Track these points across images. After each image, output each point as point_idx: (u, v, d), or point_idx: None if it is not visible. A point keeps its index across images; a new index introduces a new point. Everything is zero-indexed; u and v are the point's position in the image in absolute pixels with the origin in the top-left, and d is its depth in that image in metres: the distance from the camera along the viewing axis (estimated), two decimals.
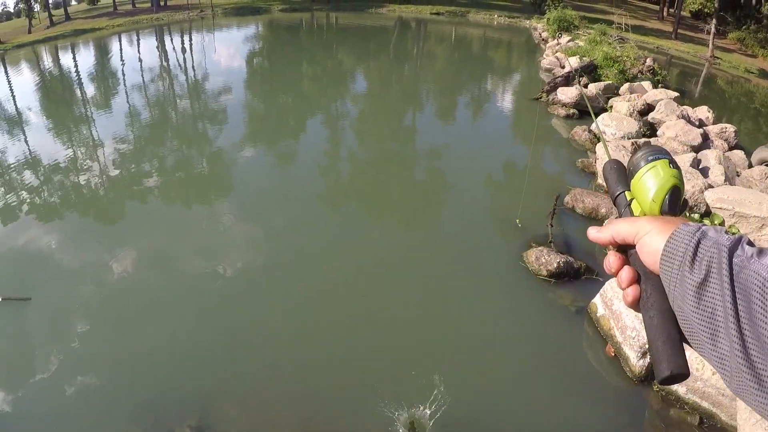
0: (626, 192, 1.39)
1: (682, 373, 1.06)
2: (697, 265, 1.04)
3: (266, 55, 31.97)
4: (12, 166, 13.56)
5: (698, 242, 1.07)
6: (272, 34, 43.05)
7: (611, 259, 1.29)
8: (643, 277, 1.20)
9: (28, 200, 11.59)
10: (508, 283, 8.84)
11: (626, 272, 1.24)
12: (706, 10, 46.11)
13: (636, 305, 1.22)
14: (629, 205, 1.37)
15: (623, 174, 1.44)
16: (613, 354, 7.42)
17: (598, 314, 7.93)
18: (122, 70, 26.26)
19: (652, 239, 1.18)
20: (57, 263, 9.24)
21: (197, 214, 11.08)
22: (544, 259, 8.91)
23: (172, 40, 38.59)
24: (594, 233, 1.35)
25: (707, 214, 10.91)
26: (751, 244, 1.03)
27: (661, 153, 1.33)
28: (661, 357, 1.07)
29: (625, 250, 1.27)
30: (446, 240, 10.23)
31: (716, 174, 12.72)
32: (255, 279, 8.77)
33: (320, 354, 7.17)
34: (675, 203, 1.27)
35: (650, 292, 1.17)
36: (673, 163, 1.31)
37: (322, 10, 56.63)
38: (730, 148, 15.76)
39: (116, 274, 8.82)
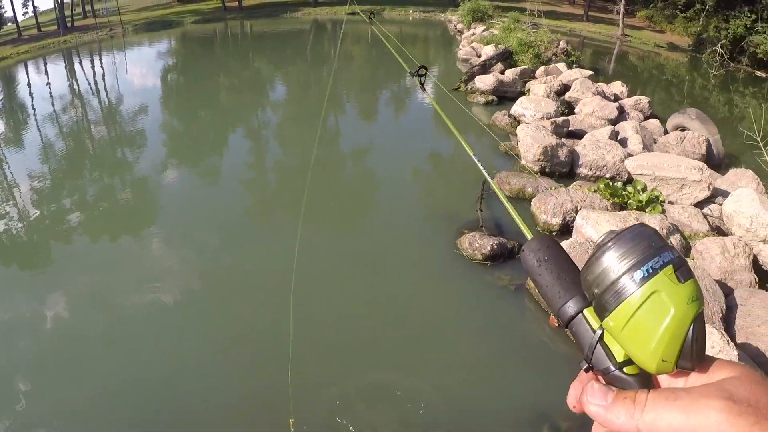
0: (585, 311, 0.94)
1: None
2: None
3: (181, 70, 31.55)
4: None
5: None
6: (186, 47, 42.50)
7: None
8: None
9: None
10: (446, 271, 9.00)
11: None
12: None
13: None
14: (600, 339, 0.92)
15: (569, 270, 1.00)
16: (556, 324, 7.66)
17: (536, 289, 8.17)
18: (31, 102, 25.51)
19: None
20: None
21: (127, 245, 10.78)
22: (478, 244, 9.13)
23: (81, 63, 37.62)
24: (596, 406, 0.87)
25: (629, 181, 11.37)
26: None
27: (656, 253, 0.83)
28: None
29: None
30: (381, 237, 10.34)
31: (634, 143, 13.29)
32: (195, 305, 8.58)
33: (270, 364, 7.17)
34: (702, 347, 0.82)
35: None
36: (680, 269, 0.83)
37: (236, 18, 56.17)
38: (646, 118, 16.46)
39: (53, 322, 8.53)
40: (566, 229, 9.77)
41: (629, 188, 10.52)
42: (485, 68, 21.76)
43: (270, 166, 15.22)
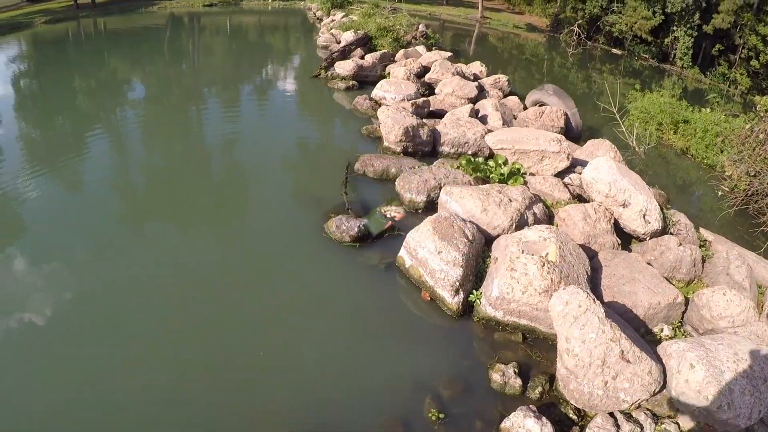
0: None
1: None
2: None
3: (33, 74, 29.67)
4: None
5: None
6: (37, 50, 39.99)
7: None
8: None
9: None
10: (315, 256, 9.02)
11: None
12: None
13: None
14: None
15: None
16: (429, 298, 7.89)
17: (406, 265, 8.36)
18: None
19: None
20: None
21: None
22: (345, 226, 9.20)
23: None
24: None
25: (491, 156, 11.77)
26: None
27: None
28: None
29: None
30: (251, 227, 10.18)
31: (494, 120, 13.77)
32: (68, 325, 8.20)
33: (158, 373, 6.95)
34: None
35: None
36: None
37: (89, 16, 53.50)
38: (505, 96, 17.12)
39: None
40: (431, 206, 10.03)
41: (491, 162, 10.91)
42: (345, 54, 21.88)
43: (136, 167, 14.62)
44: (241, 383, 6.63)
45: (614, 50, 37.22)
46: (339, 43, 26.10)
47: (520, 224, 8.72)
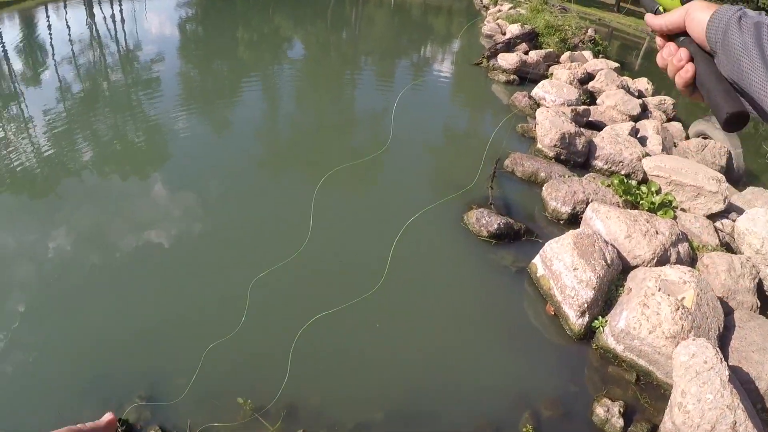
0: None
1: (740, 111, 1.30)
2: (743, 28, 1.32)
3: (200, 21, 31.03)
4: None
5: (741, 15, 1.35)
6: None
7: (669, 48, 1.57)
8: (696, 57, 1.47)
9: None
10: (449, 244, 9.04)
11: (683, 52, 1.51)
12: None
13: (690, 86, 1.51)
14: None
15: None
16: (552, 313, 7.73)
17: (538, 274, 8.22)
18: (50, 43, 25.14)
19: (700, 14, 1.45)
20: None
21: (135, 186, 10.71)
22: (485, 221, 9.15)
23: (101, 8, 37.04)
24: (650, 19, 1.62)
25: (644, 181, 11.37)
26: None
27: None
28: (721, 103, 1.33)
29: (674, 39, 1.57)
30: (389, 203, 10.31)
31: (654, 143, 13.24)
32: (195, 250, 8.63)
33: (256, 321, 7.20)
34: None
35: (703, 68, 1.43)
36: None
37: None
38: (668, 120, 16.41)
39: (54, 253, 8.48)
40: (574, 219, 9.80)
41: (643, 188, 10.51)
42: (509, 46, 21.58)
43: (281, 122, 15.11)
44: (351, 353, 6.78)
45: None
46: (504, 34, 25.78)
47: (662, 260, 8.34)
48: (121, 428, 5.67)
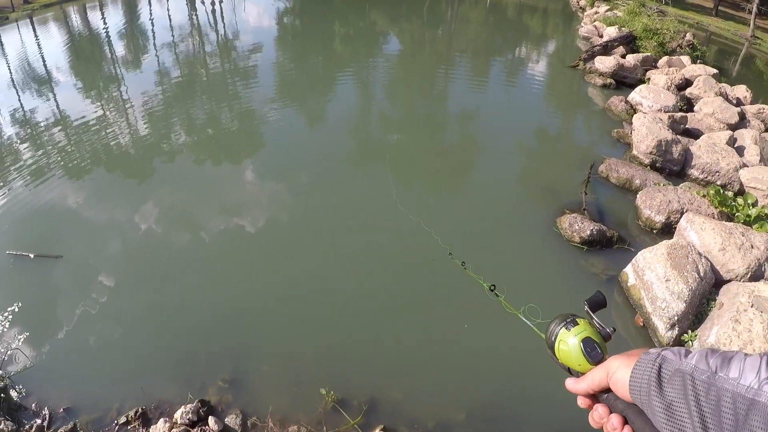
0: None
1: None
2: (664, 389, 1.21)
3: (297, 13, 31.61)
4: (42, 125, 13.53)
5: (659, 368, 1.24)
6: None
7: (598, 411, 1.45)
8: (629, 414, 1.36)
9: (59, 159, 11.59)
10: (541, 247, 8.95)
11: (615, 418, 1.39)
12: None
13: None
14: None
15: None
16: (641, 324, 7.56)
17: (629, 284, 8.05)
18: (152, 29, 25.99)
19: (621, 373, 1.35)
20: (87, 221, 9.33)
21: (226, 171, 11.10)
22: (578, 226, 9.02)
23: None
24: (571, 384, 1.55)
25: (741, 192, 10.95)
26: (714, 351, 1.22)
27: (560, 325, 1.62)
28: None
29: (601, 396, 1.48)
30: (479, 203, 10.29)
31: (752, 154, 12.70)
32: (284, 239, 8.86)
33: (347, 317, 7.32)
34: (595, 354, 1.51)
35: (639, 424, 1.32)
36: (571, 323, 1.60)
37: None
38: (767, 130, 15.69)
39: (145, 232, 8.91)
40: (668, 229, 9.52)
41: (740, 200, 10.12)
42: (606, 49, 21.06)
43: (375, 118, 15.24)
44: (435, 350, 6.82)
45: None
46: (601, 36, 25.18)
47: (756, 275, 7.97)
48: (203, 409, 5.88)
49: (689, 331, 7.25)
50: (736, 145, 13.05)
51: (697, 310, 7.53)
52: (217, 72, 18.64)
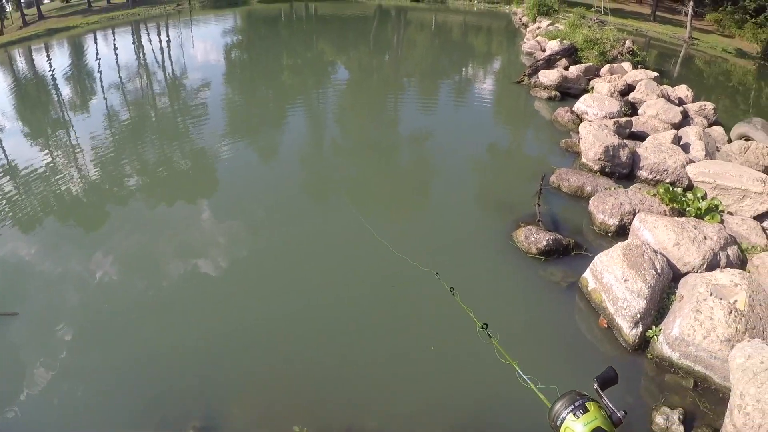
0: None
1: None
2: None
3: (245, 47, 31.84)
4: None
5: None
6: (251, 26, 42.77)
7: None
8: None
9: (8, 210, 11.29)
10: (499, 262, 9.03)
11: None
12: None
13: None
14: None
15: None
16: (606, 325, 7.67)
17: (589, 288, 8.19)
18: (99, 69, 25.85)
19: None
20: (42, 274, 9.08)
21: (183, 212, 10.97)
22: (533, 238, 9.16)
23: (149, 35, 38.09)
24: None
25: (690, 187, 11.23)
26: None
27: (568, 408, 1.61)
28: None
29: None
30: (437, 223, 10.36)
31: (697, 149, 13.07)
32: (247, 276, 8.78)
33: (318, 349, 7.30)
34: None
35: None
36: (580, 409, 1.62)
37: (301, 0, 56.33)
38: (710, 125, 16.13)
39: (104, 280, 8.72)
40: (622, 231, 9.73)
41: (689, 195, 10.40)
42: (549, 63, 21.59)
43: (327, 146, 15.32)
44: (408, 373, 6.84)
45: None
46: (544, 51, 25.79)
47: (712, 265, 8.21)
48: None
49: (653, 326, 7.39)
50: (681, 143, 13.42)
51: (659, 306, 7.69)
52: (167, 111, 18.60)
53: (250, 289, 8.46)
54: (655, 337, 7.27)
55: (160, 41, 34.66)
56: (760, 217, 10.51)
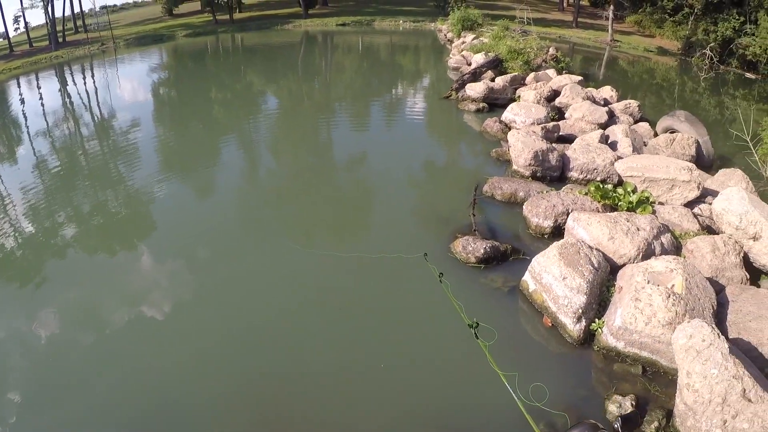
0: None
1: None
2: None
3: (173, 83, 31.59)
4: None
5: None
6: (178, 61, 42.48)
7: None
8: None
9: None
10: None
11: None
12: None
13: None
14: None
15: None
16: (550, 324, 7.82)
17: (530, 290, 8.34)
18: (23, 116, 25.45)
19: None
20: None
21: (121, 258, 10.69)
22: (471, 247, 9.28)
23: (74, 78, 37.44)
24: None
25: (620, 183, 11.55)
26: None
27: None
28: None
29: None
30: (377, 242, 10.37)
31: (624, 146, 13.46)
32: (194, 316, 8.59)
33: (275, 385, 7.24)
34: None
35: None
36: None
37: (227, 31, 56.17)
38: (636, 122, 16.67)
39: (47, 339, 8.39)
40: (558, 232, 9.96)
41: (620, 190, 10.69)
42: (475, 76, 22.01)
43: (264, 178, 15.26)
44: (360, 392, 6.84)
45: (748, 74, 35.28)
46: (470, 65, 26.28)
47: (647, 254, 8.47)
48: None
49: (596, 320, 7.58)
50: (609, 142, 13.82)
51: (600, 299, 7.90)
52: (97, 155, 18.19)
53: (197, 333, 8.29)
54: (599, 329, 7.44)
55: (86, 83, 34.11)
56: (690, 204, 10.91)
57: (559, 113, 17.44)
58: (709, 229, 10.02)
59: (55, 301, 9.33)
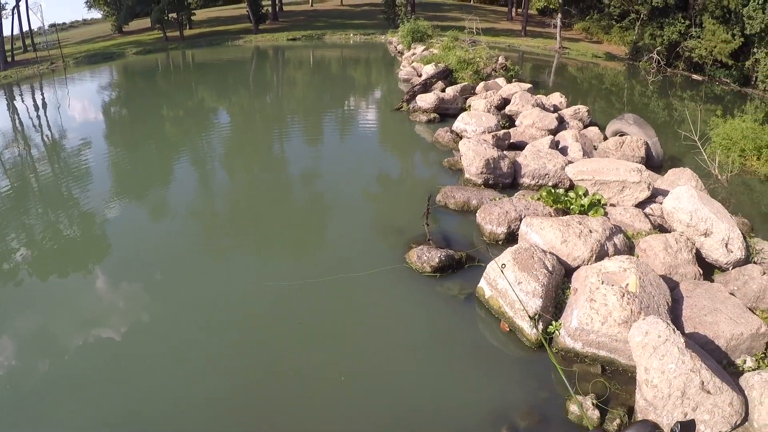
0: None
1: None
2: None
3: (124, 102, 31.13)
4: None
5: None
6: (128, 79, 41.87)
7: None
8: None
9: None
10: (395, 285, 9.17)
11: None
12: (551, 6, 48.77)
13: None
14: None
15: None
16: (507, 329, 7.95)
17: (486, 296, 8.46)
18: None
19: None
20: None
21: (76, 281, 10.51)
22: (426, 257, 9.37)
23: (23, 98, 36.61)
24: None
25: (571, 187, 11.78)
26: None
27: None
28: None
29: None
30: (333, 258, 10.39)
31: (574, 151, 13.75)
32: (153, 342, 8.52)
33: (239, 395, 7.20)
34: None
35: None
36: None
37: (178, 48, 55.69)
38: (585, 126, 17.04)
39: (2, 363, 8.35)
40: (511, 238, 10.12)
41: (571, 194, 10.92)
42: (426, 87, 22.23)
43: (216, 196, 15.15)
44: (321, 406, 6.85)
45: (694, 76, 36.39)
46: (420, 76, 26.52)
47: (600, 255, 8.68)
48: None
49: (553, 322, 7.73)
50: (559, 147, 14.11)
51: (555, 302, 8.08)
52: (48, 176, 17.84)
53: (152, 353, 8.19)
54: (556, 331, 7.59)
55: (36, 103, 33.48)
56: (641, 204, 11.20)
57: (510, 121, 17.75)
58: (661, 228, 10.30)
59: (7, 326, 9.14)
